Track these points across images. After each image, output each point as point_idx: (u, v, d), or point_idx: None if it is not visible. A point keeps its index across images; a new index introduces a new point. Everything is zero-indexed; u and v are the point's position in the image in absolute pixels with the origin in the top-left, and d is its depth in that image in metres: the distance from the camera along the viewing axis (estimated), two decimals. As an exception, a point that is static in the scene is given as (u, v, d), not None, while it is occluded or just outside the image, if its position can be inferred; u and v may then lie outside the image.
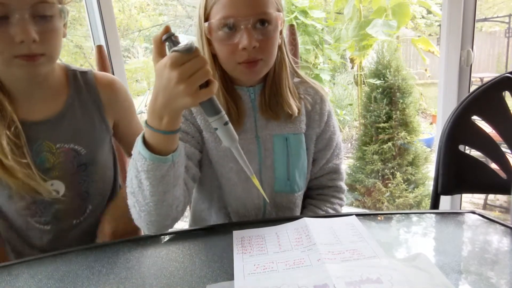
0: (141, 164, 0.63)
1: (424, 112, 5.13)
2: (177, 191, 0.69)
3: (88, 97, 0.84)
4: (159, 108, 0.59)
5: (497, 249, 0.62)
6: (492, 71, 5.87)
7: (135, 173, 0.65)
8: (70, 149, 0.80)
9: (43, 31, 0.68)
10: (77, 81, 0.84)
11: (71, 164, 0.81)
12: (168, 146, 0.63)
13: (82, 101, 0.83)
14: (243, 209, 0.87)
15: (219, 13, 0.72)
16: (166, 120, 0.60)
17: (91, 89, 0.84)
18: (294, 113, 0.82)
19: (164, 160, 0.62)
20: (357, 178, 2.80)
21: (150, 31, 5.72)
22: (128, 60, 5.47)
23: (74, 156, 0.81)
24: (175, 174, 0.66)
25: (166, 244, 0.71)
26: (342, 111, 4.31)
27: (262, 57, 0.75)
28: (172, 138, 0.63)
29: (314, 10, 3.19)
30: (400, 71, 2.64)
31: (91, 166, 0.84)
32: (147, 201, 0.66)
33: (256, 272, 0.57)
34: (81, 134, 0.81)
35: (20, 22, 0.65)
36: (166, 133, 0.61)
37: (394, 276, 0.52)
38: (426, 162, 2.69)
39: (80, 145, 0.81)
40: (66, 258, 0.67)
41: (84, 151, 0.82)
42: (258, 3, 0.72)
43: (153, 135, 0.62)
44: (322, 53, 3.34)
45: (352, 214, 0.75)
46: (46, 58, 0.71)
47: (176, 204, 0.70)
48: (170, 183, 0.65)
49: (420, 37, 3.41)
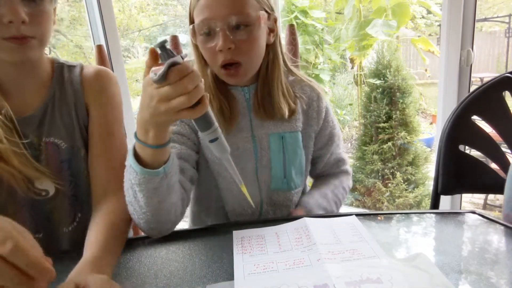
0: (133, 177, 0.62)
1: (424, 112, 5.13)
2: (173, 198, 0.68)
3: (70, 90, 0.80)
4: (144, 122, 0.58)
5: (497, 249, 0.63)
6: (492, 71, 5.87)
7: (130, 185, 0.64)
8: (51, 143, 0.77)
9: (33, 13, 0.66)
10: (62, 74, 0.81)
11: (53, 159, 0.77)
12: (158, 158, 0.62)
13: (63, 94, 0.80)
14: (240, 208, 0.87)
15: (198, 16, 0.73)
16: (152, 134, 0.58)
17: (73, 82, 0.81)
18: (284, 116, 0.81)
19: (155, 173, 0.61)
20: (357, 178, 2.80)
21: (150, 31, 5.72)
22: (128, 60, 5.47)
23: (55, 150, 0.78)
24: (169, 184, 0.65)
25: (166, 244, 0.71)
26: (342, 111, 4.31)
27: (240, 60, 0.74)
28: (161, 151, 0.61)
29: (314, 10, 3.19)
30: (400, 71, 2.64)
31: (74, 163, 0.80)
32: (144, 211, 0.65)
33: (256, 272, 0.57)
34: (60, 128, 0.78)
35: (8, 2, 0.63)
36: (153, 147, 0.59)
37: (394, 276, 0.52)
38: (426, 162, 2.69)
39: (60, 138, 0.78)
40: (66, 259, 0.67)
41: (65, 145, 0.78)
42: (233, 4, 0.71)
43: (142, 148, 0.61)
44: (322, 53, 3.35)
45: (352, 214, 0.75)
46: (36, 42, 0.69)
47: (174, 209, 0.70)
48: (164, 193, 0.64)
49: (420, 37, 3.41)
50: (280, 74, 0.82)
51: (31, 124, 0.75)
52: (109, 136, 0.80)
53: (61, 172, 0.78)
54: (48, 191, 0.77)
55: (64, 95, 0.80)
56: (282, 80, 0.83)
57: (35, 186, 0.75)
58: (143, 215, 0.66)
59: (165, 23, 5.84)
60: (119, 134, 0.81)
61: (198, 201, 0.93)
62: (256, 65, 0.79)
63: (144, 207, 0.65)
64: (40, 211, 0.78)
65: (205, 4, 0.71)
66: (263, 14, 0.74)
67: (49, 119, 0.77)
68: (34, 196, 0.75)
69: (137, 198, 0.64)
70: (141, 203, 0.64)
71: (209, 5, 0.71)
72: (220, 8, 0.70)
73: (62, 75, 0.81)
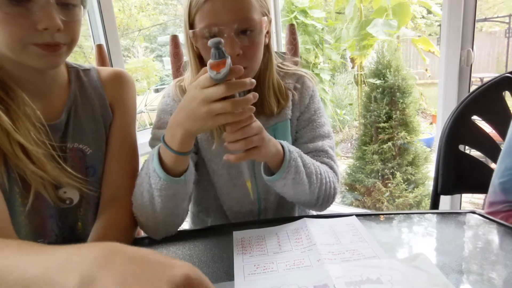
0: (155, 182, 0.65)
1: (424, 112, 5.13)
2: (185, 204, 0.72)
3: (93, 94, 0.79)
4: (175, 125, 0.61)
5: (497, 249, 0.62)
6: (492, 71, 5.87)
7: (148, 188, 0.67)
8: (76, 148, 0.75)
9: (67, 20, 0.63)
10: (79, 78, 0.79)
11: (79, 166, 0.75)
12: (179, 165, 0.65)
13: (85, 98, 0.78)
14: (237, 205, 0.88)
15: (202, 21, 0.71)
16: (178, 139, 0.61)
17: (95, 86, 0.80)
18: (273, 112, 0.83)
19: (177, 181, 0.65)
20: (357, 178, 2.80)
21: (150, 31, 5.71)
22: (128, 60, 5.47)
23: (80, 156, 0.76)
24: (186, 190, 0.69)
25: (166, 244, 0.71)
26: (342, 110, 4.31)
27: (247, 65, 0.74)
28: (183, 159, 0.65)
29: (314, 10, 3.19)
30: (400, 71, 2.64)
31: (99, 168, 0.78)
32: (156, 214, 0.68)
33: (256, 273, 0.57)
34: (85, 133, 0.76)
35: (45, 7, 0.59)
36: (176, 153, 0.63)
37: (394, 276, 0.52)
38: (426, 162, 2.69)
39: (85, 143, 0.76)
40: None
41: (90, 150, 0.77)
42: (240, 9, 0.70)
43: (166, 153, 0.64)
44: (322, 52, 3.35)
45: (352, 214, 0.75)
46: (66, 49, 0.66)
47: (183, 214, 0.73)
48: (180, 199, 0.69)
49: (420, 37, 3.41)
50: (272, 73, 0.83)
51: (57, 130, 0.73)
52: (125, 141, 0.80)
53: (87, 179, 0.76)
54: (73, 200, 0.75)
55: (87, 99, 0.78)
56: (274, 78, 0.84)
57: (59, 194, 0.73)
58: (153, 219, 0.68)
59: (165, 22, 5.84)
60: (134, 139, 0.82)
61: (197, 201, 0.94)
62: (257, 68, 0.79)
63: (157, 211, 0.67)
64: (64, 220, 0.76)
65: (211, 10, 0.70)
66: (264, 19, 0.74)
67: (73, 125, 0.75)
68: (60, 204, 0.73)
69: (153, 202, 0.67)
70: (156, 207, 0.67)
71: (214, 10, 0.70)
72: (226, 14, 0.69)
73: (80, 78, 0.79)
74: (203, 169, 0.86)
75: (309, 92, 0.88)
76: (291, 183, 0.72)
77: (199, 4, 0.71)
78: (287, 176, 0.70)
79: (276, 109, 0.83)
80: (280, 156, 0.71)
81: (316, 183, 0.76)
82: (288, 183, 0.71)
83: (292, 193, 0.75)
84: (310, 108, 0.88)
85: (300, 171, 0.72)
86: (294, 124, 0.87)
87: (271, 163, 0.72)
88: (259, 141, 0.63)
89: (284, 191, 0.75)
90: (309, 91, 0.88)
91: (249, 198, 0.87)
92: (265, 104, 0.82)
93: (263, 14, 0.75)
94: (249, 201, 0.87)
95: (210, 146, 0.82)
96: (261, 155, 0.66)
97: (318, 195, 0.78)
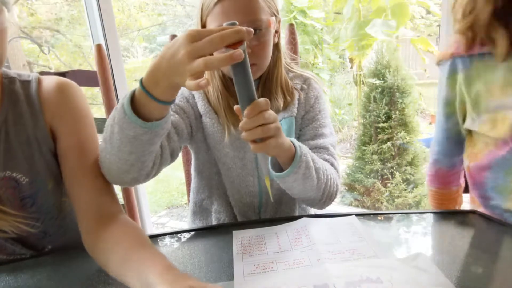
0: (119, 117, 0.59)
1: (423, 112, 5.14)
2: (145, 157, 0.65)
3: (26, 111, 0.67)
4: (158, 74, 0.55)
5: (497, 248, 0.63)
6: (491, 71, 5.86)
7: (111, 122, 0.61)
8: (8, 177, 0.65)
9: None
10: (15, 93, 0.67)
11: (13, 197, 0.66)
12: (154, 113, 0.59)
13: (17, 117, 0.67)
14: (238, 194, 0.89)
15: (213, 23, 0.75)
16: (161, 88, 0.56)
17: (31, 101, 0.68)
18: (279, 108, 0.84)
19: (142, 124, 0.58)
20: (356, 178, 2.80)
21: (149, 31, 5.71)
22: (127, 60, 5.47)
23: (13, 186, 0.66)
24: (150, 141, 0.62)
25: (166, 244, 0.71)
26: (341, 110, 4.31)
27: (256, 62, 0.78)
28: (160, 108, 0.59)
29: (313, 10, 3.19)
30: (399, 71, 2.64)
31: (40, 198, 0.68)
32: (113, 152, 0.63)
33: (256, 272, 0.57)
34: (18, 159, 0.66)
35: None
36: (157, 101, 0.57)
37: (394, 276, 0.52)
38: (425, 162, 2.69)
39: (19, 171, 0.66)
40: (65, 259, 0.67)
41: (25, 179, 0.66)
42: (250, 11, 0.74)
43: (143, 96, 0.57)
44: (321, 52, 3.35)
45: (352, 214, 0.75)
46: None
47: (139, 167, 0.66)
48: (138, 147, 0.62)
49: (419, 37, 3.42)
50: (280, 71, 0.86)
51: None
52: (86, 156, 0.69)
53: (24, 210, 0.68)
54: (6, 231, 0.66)
55: (19, 119, 0.66)
56: (282, 76, 0.87)
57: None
58: (111, 156, 0.64)
59: (164, 22, 5.84)
60: (96, 151, 0.70)
61: (200, 190, 0.95)
62: (266, 65, 0.82)
63: (115, 149, 0.62)
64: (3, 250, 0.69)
65: (222, 11, 0.73)
66: (273, 19, 0.77)
67: (4, 150, 0.65)
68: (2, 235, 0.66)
69: (112, 138, 0.62)
70: (113, 144, 0.62)
71: (225, 12, 0.73)
72: (236, 15, 0.72)
73: (15, 93, 0.67)
74: (207, 156, 0.89)
75: (315, 93, 0.90)
76: (302, 178, 0.71)
77: (210, 7, 0.75)
78: (299, 171, 0.70)
79: (282, 105, 0.85)
80: (292, 151, 0.70)
81: (323, 179, 0.76)
82: (299, 178, 0.71)
83: (300, 188, 0.75)
84: (315, 108, 0.90)
85: (310, 166, 0.72)
86: (298, 122, 0.89)
87: (282, 157, 0.70)
88: (275, 130, 0.62)
89: (293, 186, 0.74)
90: (315, 92, 0.91)
91: (250, 190, 0.88)
92: (272, 100, 0.84)
93: (271, 15, 0.78)
94: (250, 193, 0.88)
95: (216, 132, 0.83)
96: (277, 146, 0.64)
97: (324, 191, 0.78)
